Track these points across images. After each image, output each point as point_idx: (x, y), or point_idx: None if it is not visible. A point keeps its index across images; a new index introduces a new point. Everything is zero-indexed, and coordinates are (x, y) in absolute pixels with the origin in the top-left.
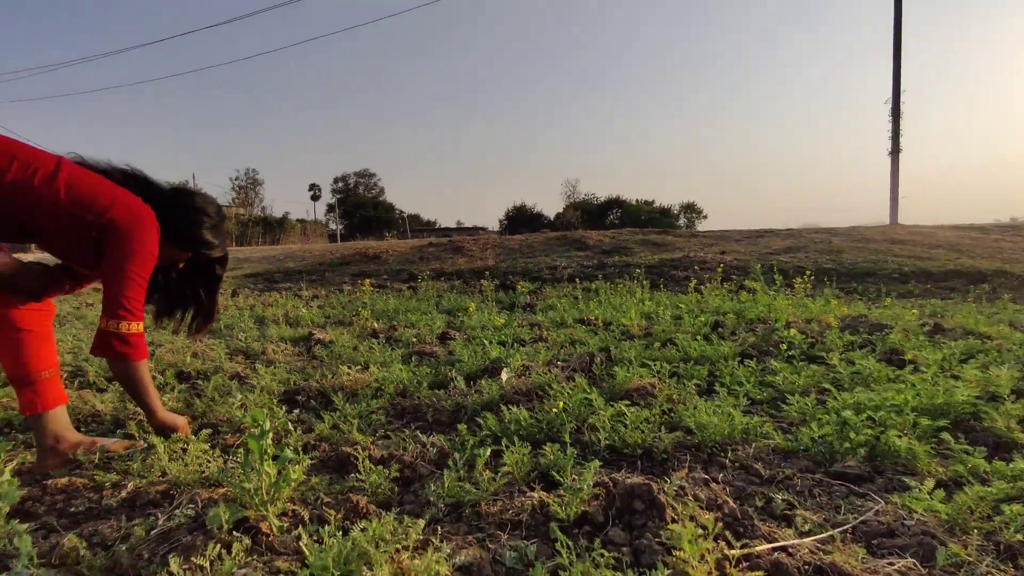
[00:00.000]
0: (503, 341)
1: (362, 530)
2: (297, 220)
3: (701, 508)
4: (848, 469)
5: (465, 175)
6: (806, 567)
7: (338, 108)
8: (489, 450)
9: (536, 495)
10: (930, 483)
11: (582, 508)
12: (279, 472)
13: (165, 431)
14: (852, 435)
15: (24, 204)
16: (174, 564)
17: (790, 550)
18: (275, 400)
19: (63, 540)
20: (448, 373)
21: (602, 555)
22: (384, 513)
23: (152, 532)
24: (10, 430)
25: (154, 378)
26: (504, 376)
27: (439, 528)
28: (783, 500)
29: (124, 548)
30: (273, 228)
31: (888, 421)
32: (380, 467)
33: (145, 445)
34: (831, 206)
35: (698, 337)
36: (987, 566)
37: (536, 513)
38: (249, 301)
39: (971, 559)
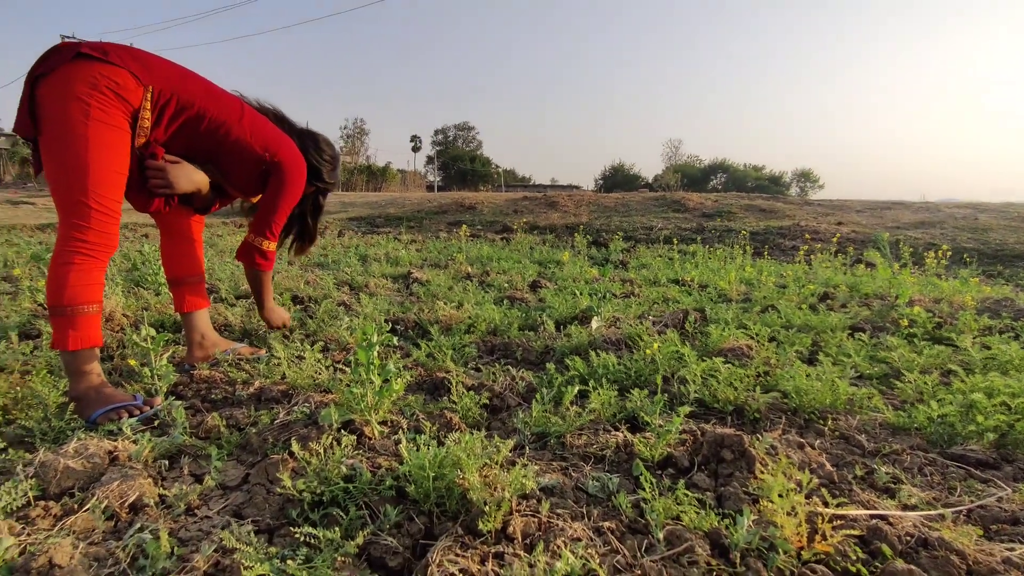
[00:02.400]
0: (595, 292)
1: (455, 441)
2: (398, 170)
3: (794, 467)
4: (970, 453)
5: (562, 133)
6: (908, 537)
7: (443, 62)
8: (576, 389)
9: (621, 434)
10: None
11: (667, 451)
12: (384, 382)
13: (271, 323)
14: (980, 418)
15: (218, 138)
16: (295, 446)
17: (891, 520)
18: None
19: (207, 418)
20: (538, 318)
21: (686, 495)
22: (475, 431)
23: (275, 422)
24: (163, 328)
25: (274, 298)
26: (594, 324)
27: (525, 451)
28: (887, 473)
29: (254, 431)
30: (376, 176)
31: None
32: (471, 393)
33: (269, 353)
34: (980, 184)
35: (803, 306)
36: None
37: (620, 450)
38: (353, 241)
39: None
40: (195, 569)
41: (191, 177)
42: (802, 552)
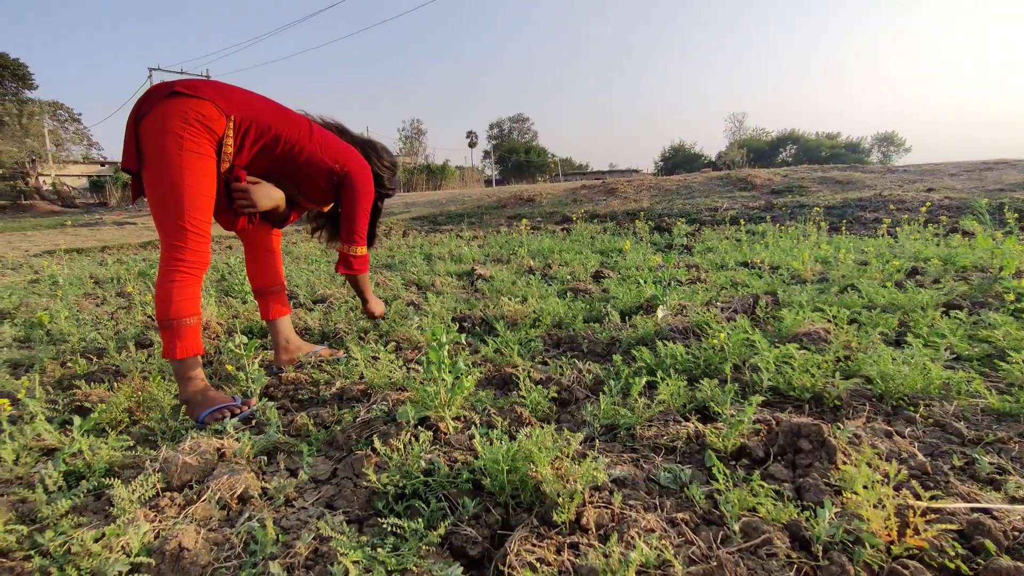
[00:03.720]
0: (659, 280)
1: (526, 435)
2: (456, 167)
3: (880, 458)
4: None
5: (618, 117)
6: (1016, 532)
7: (495, 54)
8: (644, 380)
9: (692, 425)
10: None
11: (740, 441)
12: (455, 380)
13: (372, 314)
14: None
15: (292, 157)
16: (377, 443)
17: (996, 513)
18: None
19: (296, 418)
20: (603, 309)
21: (762, 486)
22: (545, 425)
23: (357, 420)
24: (252, 335)
25: (345, 302)
26: (660, 313)
27: (595, 444)
28: (991, 463)
29: (339, 429)
30: (435, 175)
31: None
32: (540, 387)
33: (347, 354)
34: None
35: (887, 284)
36: None
37: (691, 441)
38: (418, 241)
39: None
40: (297, 555)
41: (270, 195)
42: (892, 547)
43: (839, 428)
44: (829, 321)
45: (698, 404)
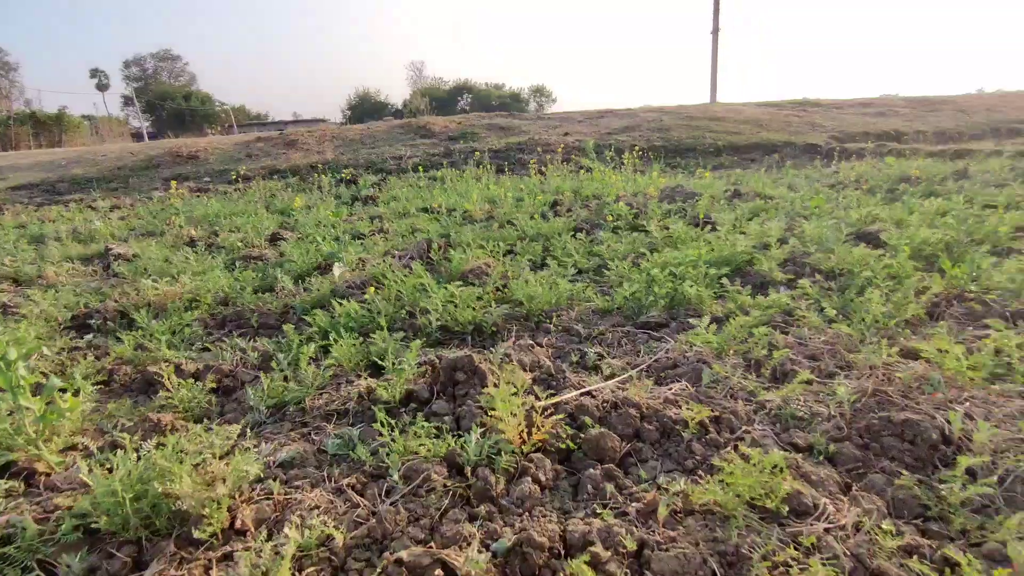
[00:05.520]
0: (339, 237)
1: (159, 446)
2: (83, 116)
3: (524, 370)
4: (651, 319)
5: (302, 62)
6: (605, 404)
7: None
8: (315, 346)
9: (363, 382)
10: (706, 320)
11: (407, 387)
12: (47, 404)
13: None
14: (656, 289)
15: None
16: None
17: (594, 393)
18: (59, 328)
19: None
20: (276, 275)
21: (423, 427)
22: (192, 426)
23: None
24: None
25: None
26: (336, 271)
27: (252, 430)
28: (595, 353)
29: None
30: (49, 128)
31: (685, 274)
32: (193, 381)
33: None
34: (675, 87)
35: (535, 216)
36: (738, 378)
37: (363, 399)
38: (21, 219)
39: (728, 375)
40: None
41: None
42: (523, 447)
43: (492, 352)
44: (490, 255)
45: (372, 359)
